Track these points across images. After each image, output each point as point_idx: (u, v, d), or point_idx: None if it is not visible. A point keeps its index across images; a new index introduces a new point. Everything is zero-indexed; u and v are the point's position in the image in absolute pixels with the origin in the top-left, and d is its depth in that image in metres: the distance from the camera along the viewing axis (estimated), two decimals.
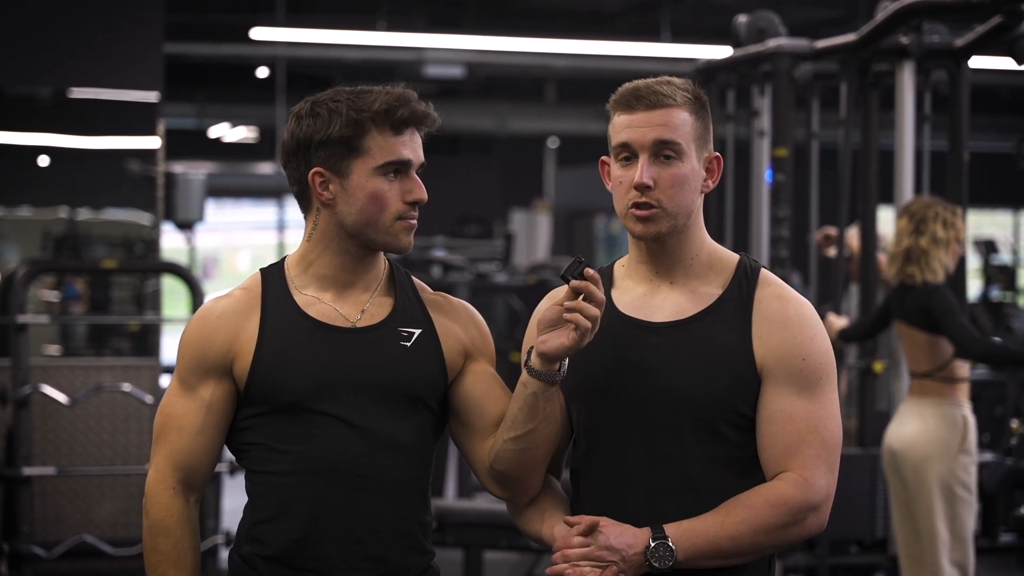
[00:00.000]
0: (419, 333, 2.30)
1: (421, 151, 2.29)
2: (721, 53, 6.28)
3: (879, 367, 5.55)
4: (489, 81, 14.38)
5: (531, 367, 2.18)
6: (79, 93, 6.78)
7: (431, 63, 11.86)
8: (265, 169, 14.35)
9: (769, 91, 5.88)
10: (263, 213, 18.27)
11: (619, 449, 2.23)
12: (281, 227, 17.47)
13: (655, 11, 11.66)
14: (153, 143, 6.80)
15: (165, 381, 6.16)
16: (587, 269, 2.12)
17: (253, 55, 12.25)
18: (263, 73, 13.05)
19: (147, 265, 6.73)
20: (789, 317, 2.23)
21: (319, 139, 2.25)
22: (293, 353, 2.25)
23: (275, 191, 16.71)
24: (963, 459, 4.73)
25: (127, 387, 5.72)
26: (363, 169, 2.25)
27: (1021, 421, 4.84)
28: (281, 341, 2.26)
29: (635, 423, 2.22)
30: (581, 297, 2.12)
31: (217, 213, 17.66)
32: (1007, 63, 5.22)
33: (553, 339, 2.14)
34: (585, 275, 2.11)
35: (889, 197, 5.54)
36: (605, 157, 2.31)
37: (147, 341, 6.86)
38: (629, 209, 2.23)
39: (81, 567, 5.75)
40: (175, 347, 2.35)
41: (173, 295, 7.36)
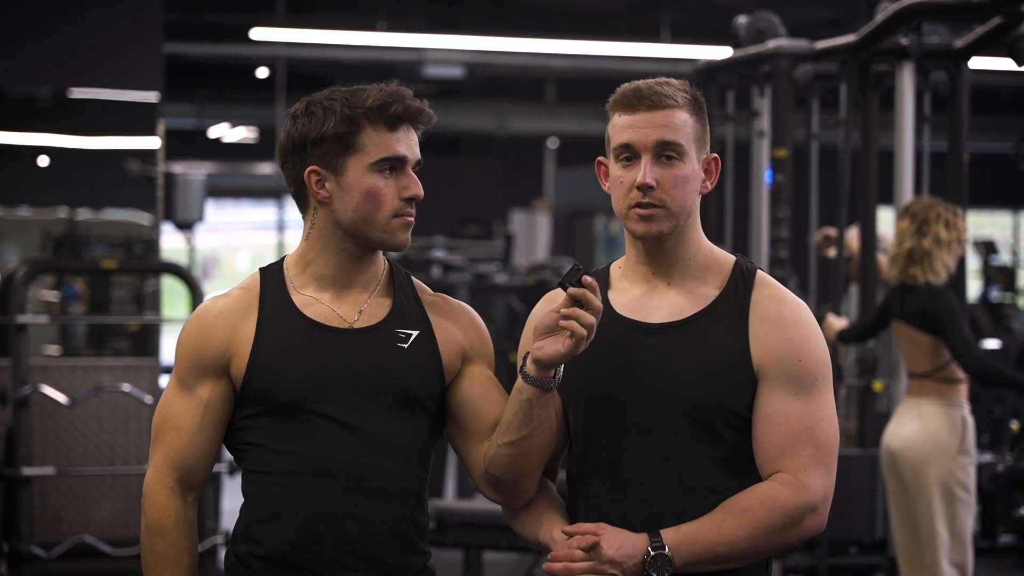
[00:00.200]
0: (417, 334, 2.30)
1: (417, 148, 2.28)
2: (721, 54, 6.28)
3: (879, 386, 5.54)
4: (489, 81, 14.37)
5: (526, 373, 2.17)
6: (79, 93, 6.78)
7: (431, 63, 11.86)
8: (265, 169, 14.34)
9: (769, 92, 5.88)
10: (263, 213, 18.27)
11: (617, 450, 2.23)
12: (281, 227, 17.46)
13: (655, 11, 11.66)
14: (153, 143, 6.79)
15: (165, 381, 6.15)
16: (585, 277, 2.11)
17: (253, 55, 12.25)
18: (263, 73, 13.05)
19: (147, 265, 6.72)
20: (785, 318, 2.23)
21: (314, 137, 2.25)
22: (290, 353, 2.25)
23: (275, 191, 16.70)
24: (962, 460, 4.72)
25: (127, 387, 5.72)
26: (358, 166, 2.25)
27: (1021, 422, 4.83)
28: (278, 341, 2.26)
29: (632, 424, 2.22)
30: (578, 305, 2.12)
31: (217, 213, 17.65)
32: (1007, 64, 5.21)
33: (548, 346, 2.14)
34: (583, 282, 2.11)
35: (889, 198, 5.54)
36: (602, 158, 2.31)
37: (147, 341, 6.85)
38: (631, 209, 2.22)
39: (81, 567, 5.74)
40: (174, 347, 2.35)
41: (173, 295, 7.36)
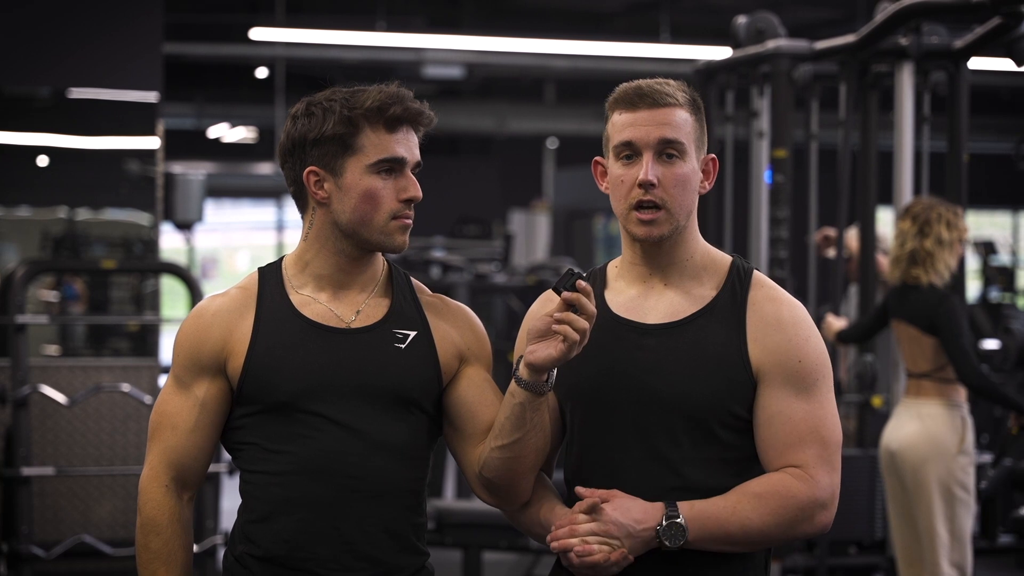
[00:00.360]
0: (414, 335, 2.29)
1: (417, 150, 2.28)
2: (720, 54, 6.28)
3: (878, 401, 5.54)
4: (488, 82, 14.37)
5: (519, 377, 2.16)
6: (78, 93, 6.77)
7: (430, 63, 11.86)
8: (264, 169, 14.33)
9: (768, 92, 5.87)
10: (262, 213, 18.28)
11: (614, 451, 2.23)
12: (280, 227, 17.46)
13: (654, 11, 11.66)
14: (152, 143, 6.79)
15: (164, 381, 6.15)
16: (579, 281, 2.10)
17: (252, 55, 12.26)
18: (262, 73, 13.06)
19: (146, 265, 6.72)
20: (783, 319, 2.23)
21: (313, 137, 2.25)
22: (286, 352, 2.25)
23: (274, 191, 16.70)
24: (961, 460, 4.72)
25: (126, 387, 5.72)
26: (356, 167, 2.24)
27: (1020, 422, 4.82)
28: (274, 340, 2.26)
29: (630, 425, 2.21)
30: (572, 309, 2.11)
31: (216, 213, 17.66)
32: (1006, 64, 5.21)
33: (541, 350, 2.13)
34: (577, 287, 2.10)
35: (888, 198, 5.54)
36: (599, 158, 2.30)
37: (146, 341, 6.85)
38: (632, 210, 2.21)
39: (80, 567, 5.74)
40: (172, 346, 2.35)
41: (172, 295, 7.36)
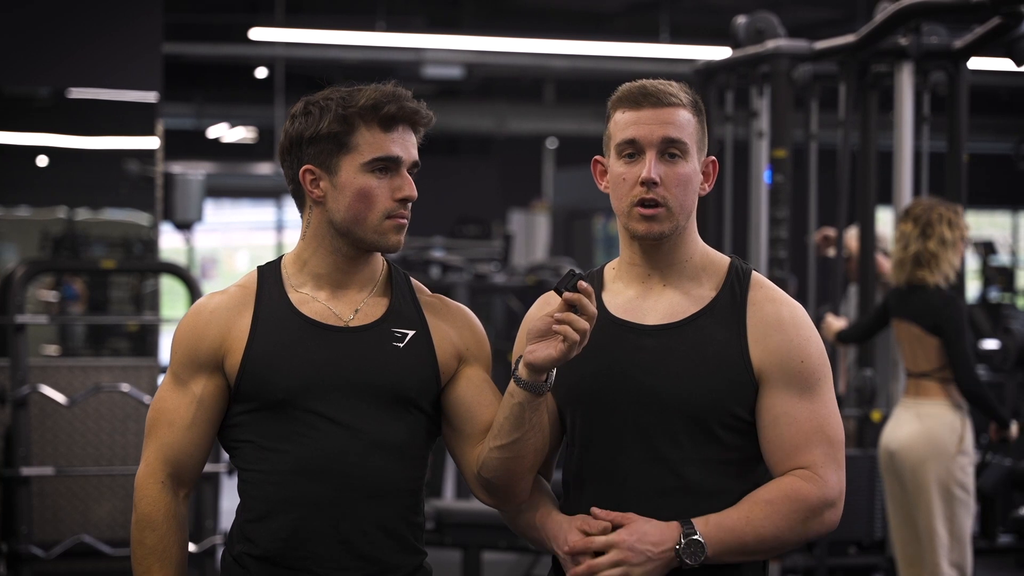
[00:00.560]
0: (413, 335, 2.29)
1: (414, 150, 2.28)
2: (720, 54, 6.27)
3: (877, 416, 5.54)
4: (488, 82, 14.38)
5: (518, 377, 2.16)
6: (78, 93, 6.76)
7: (430, 64, 11.85)
8: (264, 169, 14.34)
9: (768, 92, 5.87)
10: (262, 213, 18.28)
11: (614, 452, 2.22)
12: (280, 227, 17.47)
13: (654, 12, 11.66)
14: (152, 143, 6.79)
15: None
16: (580, 282, 2.10)
17: (252, 55, 12.26)
18: (262, 73, 13.06)
19: (146, 265, 6.71)
20: (784, 319, 2.23)
21: (309, 136, 2.25)
22: (283, 351, 2.25)
23: (274, 191, 16.70)
24: (961, 460, 4.72)
25: (125, 387, 5.71)
26: (351, 166, 2.24)
27: (1001, 434, 4.81)
28: (272, 338, 2.26)
29: (630, 426, 2.21)
30: (573, 310, 2.11)
31: (216, 213, 17.66)
32: (1006, 64, 5.22)
33: (541, 350, 2.12)
34: (578, 288, 2.10)
35: (888, 198, 5.54)
36: (598, 157, 2.30)
37: (145, 341, 6.84)
38: (634, 207, 2.21)
39: (79, 567, 5.74)
40: (170, 343, 2.35)
41: (172, 295, 7.36)
